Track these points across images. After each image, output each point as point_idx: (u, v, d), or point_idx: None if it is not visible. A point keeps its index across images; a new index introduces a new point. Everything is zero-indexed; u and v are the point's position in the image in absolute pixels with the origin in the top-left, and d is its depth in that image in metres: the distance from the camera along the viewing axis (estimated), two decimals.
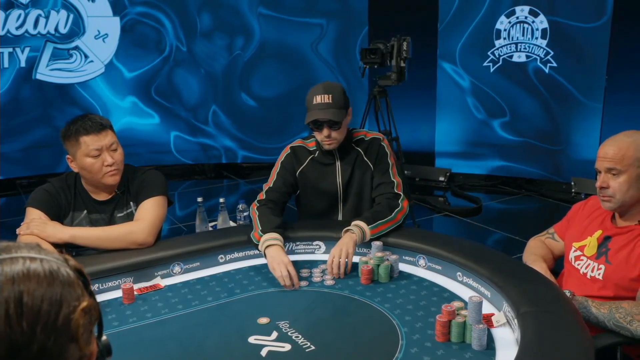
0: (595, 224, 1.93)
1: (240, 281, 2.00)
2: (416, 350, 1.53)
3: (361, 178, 2.35)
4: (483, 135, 5.70)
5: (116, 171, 2.12)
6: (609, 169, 1.79)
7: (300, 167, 2.38)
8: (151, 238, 2.09)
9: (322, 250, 2.22)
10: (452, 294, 1.87)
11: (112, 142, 2.10)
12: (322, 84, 2.28)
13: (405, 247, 2.10)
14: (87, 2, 5.73)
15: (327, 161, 2.36)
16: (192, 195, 5.73)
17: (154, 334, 1.67)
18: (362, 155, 2.35)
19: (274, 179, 2.35)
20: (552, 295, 1.64)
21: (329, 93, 2.22)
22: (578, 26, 5.01)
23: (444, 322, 1.56)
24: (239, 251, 2.17)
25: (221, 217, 2.67)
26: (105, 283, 1.94)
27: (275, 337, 1.61)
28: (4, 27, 5.48)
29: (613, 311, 1.66)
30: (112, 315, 1.78)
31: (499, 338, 1.58)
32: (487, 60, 5.49)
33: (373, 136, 2.38)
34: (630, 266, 1.75)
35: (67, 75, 5.84)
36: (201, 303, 1.85)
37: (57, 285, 0.67)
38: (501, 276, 1.75)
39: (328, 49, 6.13)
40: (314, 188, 2.38)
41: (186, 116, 6.29)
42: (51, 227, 2.01)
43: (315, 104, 2.22)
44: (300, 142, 2.43)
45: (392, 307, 1.77)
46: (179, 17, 6.03)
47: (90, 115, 2.13)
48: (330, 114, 2.19)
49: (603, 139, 1.89)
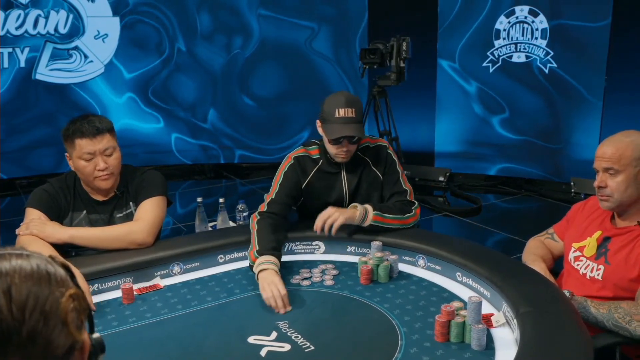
0: (594, 224, 1.94)
1: (240, 281, 2.01)
2: (415, 350, 1.53)
3: (368, 187, 2.30)
4: (482, 135, 5.70)
5: (108, 176, 2.09)
6: (607, 168, 1.79)
7: (306, 179, 2.27)
8: (151, 238, 2.09)
9: (321, 251, 2.22)
10: (451, 294, 1.87)
11: (107, 147, 2.07)
12: (342, 94, 2.19)
13: (405, 247, 2.10)
14: (87, 2, 5.73)
15: (332, 170, 2.28)
16: (191, 195, 5.74)
17: (154, 334, 1.67)
18: (369, 165, 2.30)
19: (275, 189, 2.22)
20: (551, 295, 1.64)
21: (353, 107, 2.14)
22: (578, 26, 5.01)
23: (443, 322, 1.57)
24: (239, 251, 2.17)
25: (221, 217, 2.68)
26: (104, 283, 1.94)
27: (274, 337, 1.62)
28: (3, 27, 5.48)
29: (612, 311, 1.66)
30: (112, 315, 1.78)
31: (498, 338, 1.59)
32: (487, 61, 5.49)
33: (378, 143, 2.33)
34: (630, 267, 1.75)
35: (66, 76, 5.84)
36: (200, 303, 1.85)
37: (44, 276, 0.70)
38: (500, 276, 1.75)
39: (327, 49, 6.13)
40: (320, 199, 2.29)
41: (186, 116, 6.29)
42: (50, 228, 2.01)
43: (338, 118, 2.13)
44: (303, 151, 2.30)
45: (392, 307, 1.77)
46: (178, 17, 6.03)
47: (91, 117, 2.09)
48: (355, 130, 2.13)
49: (603, 139, 1.89)
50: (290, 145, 6.18)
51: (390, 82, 4.33)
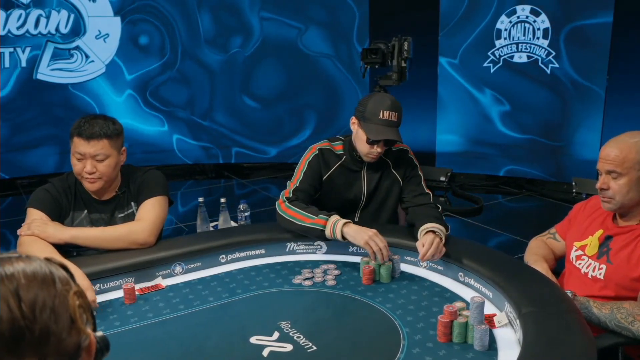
0: (596, 223, 1.93)
1: (242, 281, 2.00)
2: (418, 351, 1.52)
3: (387, 189, 2.32)
4: (484, 135, 5.70)
5: (96, 180, 2.07)
6: (610, 171, 1.79)
7: (328, 172, 2.28)
8: (152, 238, 2.09)
9: (323, 251, 2.22)
10: (453, 294, 1.87)
11: (99, 153, 2.04)
12: (389, 97, 2.19)
13: (407, 247, 2.10)
14: (88, 1, 5.73)
15: (355, 167, 2.30)
16: (193, 195, 5.74)
17: (155, 334, 1.67)
18: (390, 167, 2.32)
19: (299, 177, 2.24)
20: (554, 295, 1.64)
21: (397, 111, 2.15)
22: (580, 26, 5.01)
23: (445, 323, 1.56)
24: (240, 251, 2.17)
25: (222, 217, 2.67)
26: (106, 283, 1.94)
27: (276, 338, 1.61)
28: (4, 27, 5.48)
29: (614, 312, 1.66)
30: (114, 315, 1.78)
31: (501, 338, 1.58)
32: (488, 61, 5.48)
33: (400, 147, 2.34)
34: (632, 266, 1.75)
35: (67, 75, 5.84)
36: (202, 303, 1.85)
37: (48, 276, 0.72)
38: (503, 277, 1.75)
39: (328, 49, 6.12)
40: (338, 194, 2.31)
41: (186, 116, 6.29)
42: (52, 228, 2.00)
43: (382, 119, 2.13)
44: (327, 144, 2.31)
45: (394, 308, 1.77)
46: (179, 17, 6.03)
47: (98, 119, 2.07)
48: (395, 134, 2.14)
49: (604, 139, 1.90)
50: (291, 145, 6.18)
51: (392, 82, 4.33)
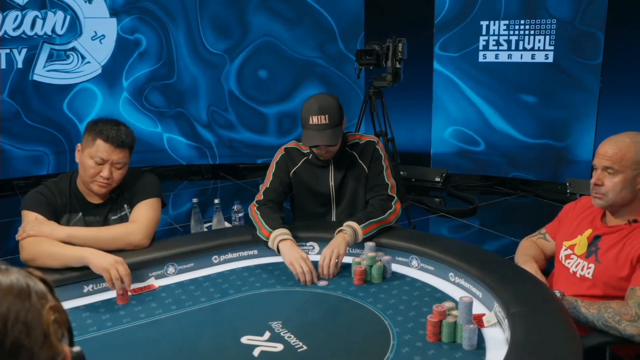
0: (585, 222, 1.95)
1: (234, 282, 2.02)
2: (407, 350, 1.54)
3: (355, 181, 2.37)
4: (479, 136, 5.72)
5: (107, 185, 2.10)
6: (606, 167, 1.81)
7: (294, 167, 2.38)
8: (147, 240, 2.10)
9: (315, 251, 2.23)
10: (443, 294, 1.88)
11: (121, 162, 2.09)
12: (316, 100, 2.22)
13: (398, 248, 2.11)
14: (84, 3, 5.74)
15: (320, 164, 2.38)
16: (187, 195, 5.74)
17: (148, 335, 1.68)
18: (356, 159, 2.36)
19: (270, 179, 2.37)
20: (542, 295, 1.65)
21: (325, 113, 2.17)
22: (573, 27, 5.03)
23: (435, 322, 1.58)
24: (233, 252, 2.19)
25: (216, 218, 2.68)
26: (99, 284, 1.95)
27: (267, 338, 1.63)
28: (1, 28, 5.48)
29: (602, 311, 1.68)
30: (106, 315, 1.79)
31: (490, 338, 1.60)
32: (483, 61, 5.51)
33: (368, 139, 2.39)
34: (620, 265, 1.77)
35: (64, 76, 5.85)
36: (195, 304, 1.86)
37: (24, 289, 0.70)
38: (492, 277, 1.77)
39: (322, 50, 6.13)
40: (308, 190, 2.39)
41: (181, 117, 6.30)
42: (47, 227, 2.01)
43: (311, 125, 2.18)
44: (294, 144, 2.43)
45: (384, 308, 1.78)
46: (175, 17, 6.04)
47: (122, 126, 2.11)
48: (327, 138, 2.18)
49: (598, 140, 1.92)
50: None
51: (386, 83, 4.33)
